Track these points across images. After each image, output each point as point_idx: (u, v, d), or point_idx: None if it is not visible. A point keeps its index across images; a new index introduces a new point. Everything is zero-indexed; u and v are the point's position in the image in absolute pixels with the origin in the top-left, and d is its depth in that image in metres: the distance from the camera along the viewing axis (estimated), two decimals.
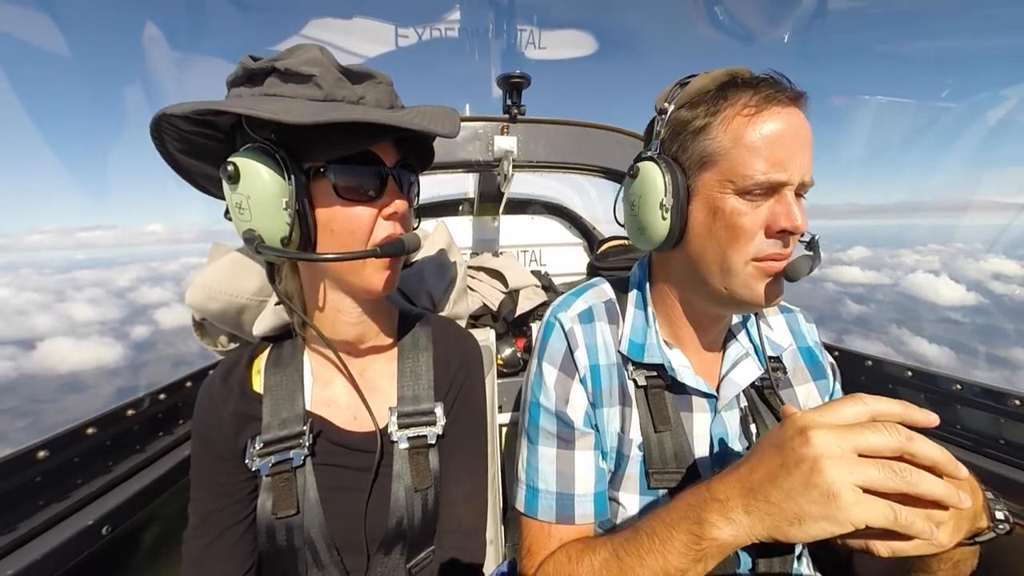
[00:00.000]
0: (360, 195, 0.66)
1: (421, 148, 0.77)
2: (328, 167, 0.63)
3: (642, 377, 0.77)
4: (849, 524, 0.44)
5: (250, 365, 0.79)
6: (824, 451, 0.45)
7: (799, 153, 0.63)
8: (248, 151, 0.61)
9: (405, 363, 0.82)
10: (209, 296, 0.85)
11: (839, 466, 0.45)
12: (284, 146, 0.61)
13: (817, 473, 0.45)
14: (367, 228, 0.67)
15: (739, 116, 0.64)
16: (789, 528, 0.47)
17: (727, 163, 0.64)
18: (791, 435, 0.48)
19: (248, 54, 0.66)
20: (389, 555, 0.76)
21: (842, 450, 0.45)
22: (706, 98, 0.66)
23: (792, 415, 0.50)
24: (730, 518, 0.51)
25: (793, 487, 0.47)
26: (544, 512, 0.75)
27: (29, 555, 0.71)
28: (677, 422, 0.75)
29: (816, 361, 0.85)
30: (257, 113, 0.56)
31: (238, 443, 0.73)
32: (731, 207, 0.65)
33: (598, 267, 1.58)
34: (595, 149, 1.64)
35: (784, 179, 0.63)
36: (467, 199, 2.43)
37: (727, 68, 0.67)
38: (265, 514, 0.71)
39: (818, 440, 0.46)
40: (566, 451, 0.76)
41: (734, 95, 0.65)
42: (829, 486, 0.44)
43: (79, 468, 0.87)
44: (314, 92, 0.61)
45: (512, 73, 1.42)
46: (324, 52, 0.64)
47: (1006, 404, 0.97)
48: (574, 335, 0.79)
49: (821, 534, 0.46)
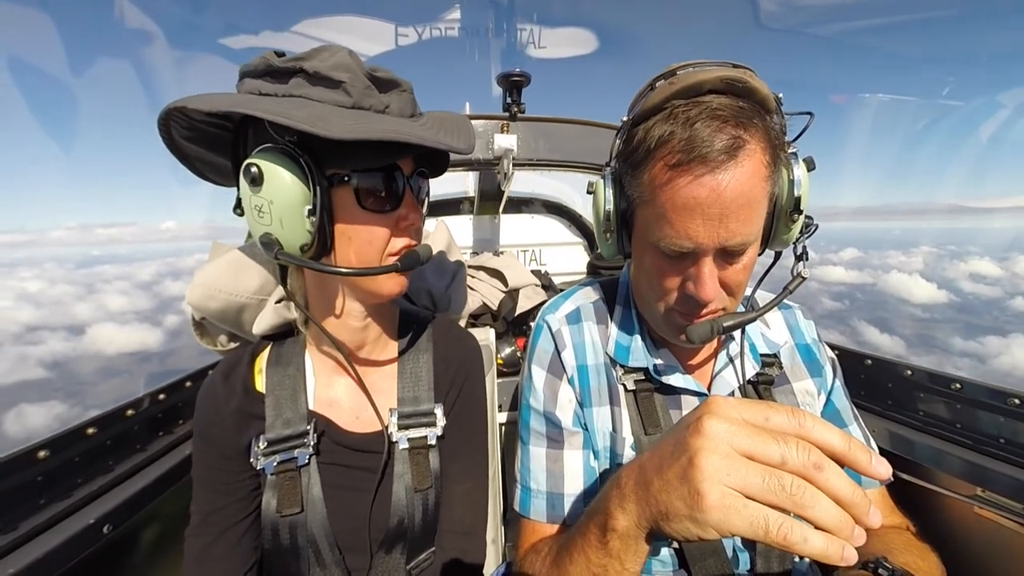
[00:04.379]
0: (380, 205, 0.65)
1: (437, 156, 0.75)
2: (352, 176, 0.63)
3: (631, 381, 0.77)
4: (711, 530, 0.39)
5: (252, 364, 0.79)
6: (708, 444, 0.39)
7: (716, 221, 0.58)
8: (270, 153, 0.60)
9: (405, 364, 0.82)
10: (209, 295, 0.85)
11: (716, 462, 0.38)
12: (307, 150, 0.59)
13: (692, 467, 0.39)
14: (385, 238, 0.67)
15: (661, 165, 0.59)
16: (662, 523, 0.42)
17: (649, 214, 0.63)
18: (691, 420, 0.42)
19: (272, 50, 0.64)
20: (390, 555, 0.77)
21: (729, 446, 0.39)
22: (651, 125, 0.60)
23: (708, 399, 0.43)
24: (624, 507, 0.46)
25: (670, 479, 0.41)
26: (536, 512, 0.75)
27: (31, 554, 0.71)
28: (667, 423, 0.75)
29: (814, 358, 0.85)
30: (290, 123, 0.55)
31: (241, 441, 0.73)
32: (650, 259, 0.67)
33: (598, 266, 1.58)
34: (595, 147, 1.63)
35: (691, 248, 0.60)
36: (467, 198, 2.42)
37: (688, 71, 0.60)
38: (269, 512, 0.71)
39: (709, 429, 0.40)
40: (555, 451, 0.77)
41: (668, 133, 0.58)
42: (698, 483, 0.38)
43: (80, 467, 0.87)
44: (343, 98, 0.60)
45: (512, 71, 1.43)
46: (353, 56, 0.62)
47: (1006, 404, 0.97)
48: (561, 336, 0.80)
49: (688, 536, 0.40)
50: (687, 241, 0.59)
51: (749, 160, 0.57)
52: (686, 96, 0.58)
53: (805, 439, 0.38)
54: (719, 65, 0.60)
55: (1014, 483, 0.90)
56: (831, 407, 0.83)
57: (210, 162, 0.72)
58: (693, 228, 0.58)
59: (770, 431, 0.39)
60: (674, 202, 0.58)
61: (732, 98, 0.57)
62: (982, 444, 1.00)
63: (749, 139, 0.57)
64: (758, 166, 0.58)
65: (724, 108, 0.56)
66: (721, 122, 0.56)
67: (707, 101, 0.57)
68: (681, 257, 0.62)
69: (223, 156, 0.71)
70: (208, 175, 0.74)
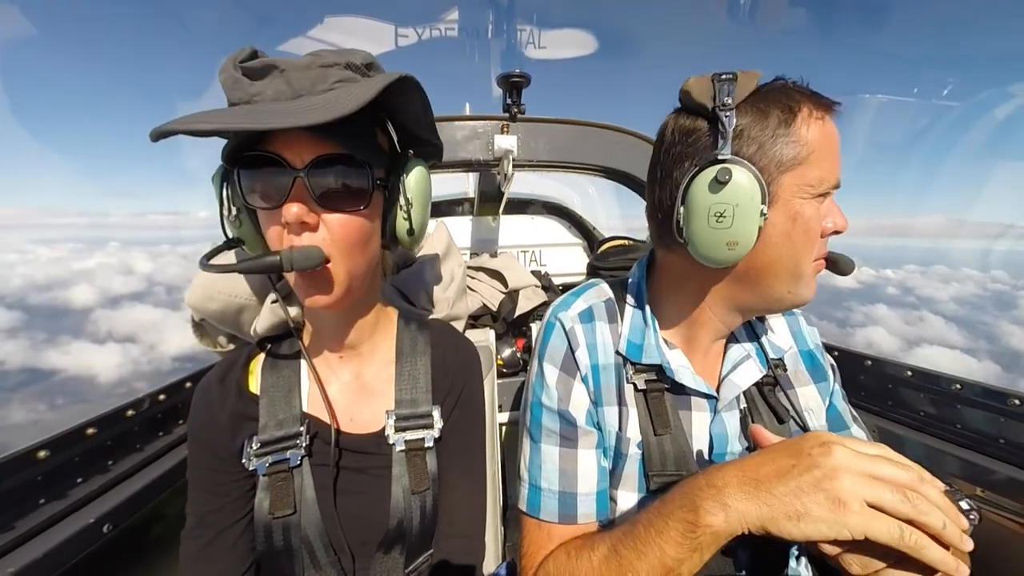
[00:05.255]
0: (264, 201, 0.62)
1: (360, 136, 0.63)
2: (237, 173, 0.62)
3: (641, 380, 0.77)
4: (847, 531, 0.47)
5: (247, 365, 0.79)
6: (843, 464, 0.49)
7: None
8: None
9: (403, 366, 0.82)
10: (208, 296, 0.85)
11: (854, 479, 0.48)
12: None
13: (830, 480, 0.48)
14: (276, 236, 0.63)
15: (812, 119, 0.63)
16: (786, 523, 0.49)
17: (808, 167, 0.63)
18: (812, 444, 0.52)
19: (251, 49, 0.63)
20: (388, 557, 0.76)
21: (860, 468, 0.49)
22: (775, 98, 0.64)
23: (814, 432, 0.54)
24: (725, 504, 0.52)
25: (801, 486, 0.49)
26: (547, 511, 0.75)
27: (30, 553, 0.71)
28: (677, 424, 0.75)
29: (817, 364, 0.86)
30: (166, 127, 0.52)
31: (235, 443, 0.73)
32: (810, 212, 0.64)
33: (598, 267, 1.58)
34: (595, 148, 1.63)
35: (839, 182, 0.66)
36: (467, 199, 2.42)
37: (749, 71, 0.66)
38: (262, 514, 0.71)
39: (839, 454, 0.50)
40: (569, 449, 0.76)
41: (798, 97, 0.64)
42: (838, 493, 0.47)
43: (79, 468, 0.87)
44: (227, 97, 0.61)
45: (512, 72, 1.42)
46: (242, 51, 0.60)
47: (1006, 404, 0.97)
48: (575, 334, 0.79)
49: (815, 535, 0.48)
50: (838, 175, 0.65)
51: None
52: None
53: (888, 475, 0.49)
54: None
55: (1014, 483, 0.90)
56: (833, 410, 0.84)
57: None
58: (839, 161, 0.65)
59: (880, 456, 0.50)
60: (831, 140, 0.64)
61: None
62: (982, 444, 1.00)
63: None
64: None
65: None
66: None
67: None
68: (823, 197, 0.66)
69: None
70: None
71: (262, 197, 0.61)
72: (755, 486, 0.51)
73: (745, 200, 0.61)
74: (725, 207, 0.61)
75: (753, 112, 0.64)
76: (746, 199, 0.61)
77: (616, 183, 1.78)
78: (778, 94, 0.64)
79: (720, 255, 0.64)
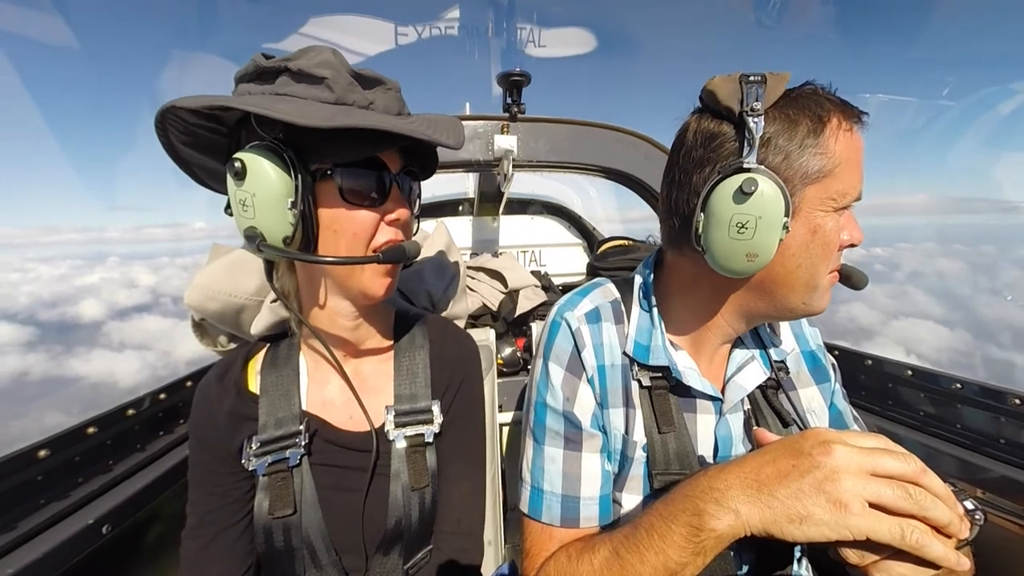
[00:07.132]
0: (364, 199, 0.66)
1: (425, 156, 0.77)
2: (335, 170, 0.64)
3: (647, 378, 0.76)
4: (849, 532, 0.47)
5: (246, 365, 0.79)
6: (842, 464, 0.48)
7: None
8: (255, 148, 0.61)
9: (402, 362, 0.82)
10: (208, 296, 0.85)
11: (854, 479, 0.47)
12: (292, 146, 0.61)
13: (831, 482, 0.47)
14: (369, 232, 0.67)
15: (841, 131, 0.61)
16: (788, 525, 0.49)
17: (833, 180, 0.61)
18: (812, 444, 0.51)
19: (260, 52, 0.66)
20: (387, 555, 0.76)
21: (860, 467, 0.48)
22: (805, 105, 0.62)
23: (813, 429, 0.52)
24: (728, 507, 0.51)
25: (802, 488, 0.48)
26: (548, 514, 0.74)
27: (30, 554, 0.71)
28: (681, 424, 0.74)
29: (819, 365, 0.85)
30: (270, 113, 0.56)
31: (234, 443, 0.73)
32: (830, 225, 0.63)
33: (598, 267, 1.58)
34: (596, 148, 1.63)
35: (861, 195, 0.64)
36: (467, 199, 2.43)
37: (777, 72, 0.64)
38: (262, 514, 0.71)
39: (839, 453, 0.49)
40: (573, 452, 0.75)
41: (828, 106, 0.62)
42: (840, 495, 0.47)
43: (80, 467, 0.87)
44: (325, 95, 0.61)
45: (512, 71, 1.41)
46: (337, 55, 0.63)
47: (1006, 403, 0.97)
48: (581, 335, 0.78)
49: (818, 537, 0.48)
50: (861, 186, 0.64)
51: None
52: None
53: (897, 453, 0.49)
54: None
55: (1014, 484, 0.90)
56: (835, 410, 0.84)
57: (208, 168, 0.72)
58: (860, 174, 0.64)
59: (881, 450, 0.49)
60: (856, 152, 0.63)
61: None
62: (982, 444, 1.00)
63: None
64: None
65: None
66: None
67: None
68: (843, 210, 0.65)
69: (219, 161, 0.71)
70: (207, 181, 0.74)
71: (363, 195, 0.66)
72: (757, 489, 0.51)
73: (769, 213, 0.59)
74: (748, 218, 0.60)
75: (782, 119, 0.61)
76: (770, 212, 0.59)
77: (616, 183, 1.78)
78: (808, 101, 0.62)
79: (738, 266, 0.63)
